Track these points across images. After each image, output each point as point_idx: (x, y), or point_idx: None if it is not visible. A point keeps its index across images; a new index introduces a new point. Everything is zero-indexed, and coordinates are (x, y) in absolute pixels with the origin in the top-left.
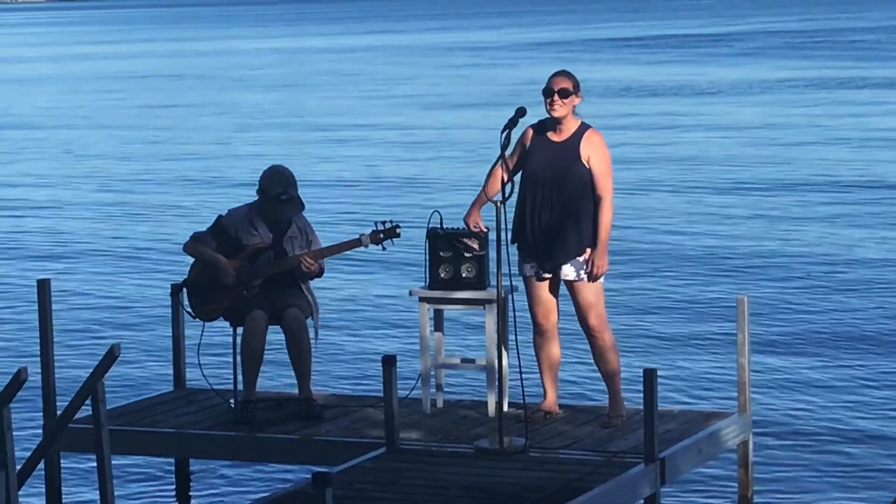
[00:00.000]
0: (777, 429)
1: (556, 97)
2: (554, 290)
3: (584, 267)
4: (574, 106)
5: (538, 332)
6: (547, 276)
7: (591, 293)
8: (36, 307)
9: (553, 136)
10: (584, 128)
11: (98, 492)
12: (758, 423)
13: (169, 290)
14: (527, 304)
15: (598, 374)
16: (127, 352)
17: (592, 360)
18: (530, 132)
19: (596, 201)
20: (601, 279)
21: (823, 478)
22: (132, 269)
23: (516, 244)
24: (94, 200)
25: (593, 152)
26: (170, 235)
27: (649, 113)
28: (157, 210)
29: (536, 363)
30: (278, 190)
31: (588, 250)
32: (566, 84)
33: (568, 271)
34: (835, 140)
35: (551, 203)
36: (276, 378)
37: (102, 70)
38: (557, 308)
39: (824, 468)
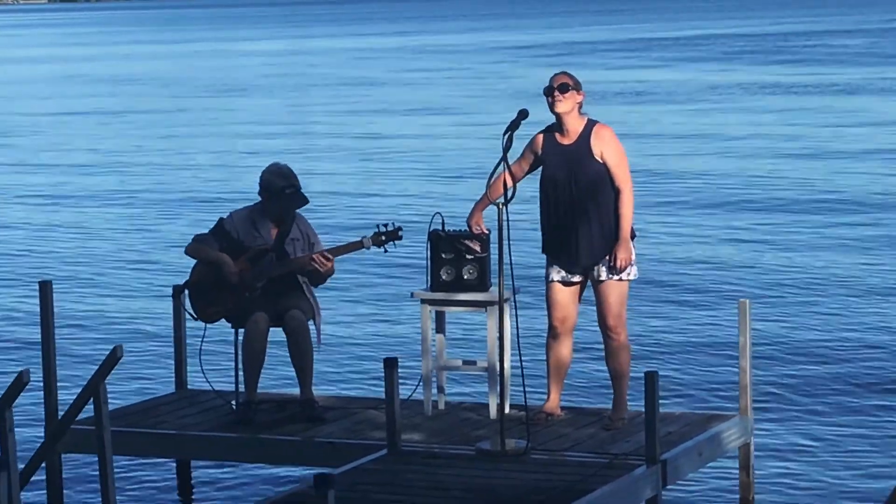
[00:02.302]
0: (778, 432)
1: (556, 93)
2: (578, 294)
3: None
4: (578, 104)
5: (552, 334)
6: (575, 280)
7: (615, 294)
8: (38, 309)
9: (563, 140)
10: (591, 124)
11: (100, 493)
12: (759, 425)
13: (171, 292)
14: (532, 306)
15: (601, 377)
16: (129, 353)
17: (603, 361)
18: (540, 139)
19: (616, 194)
20: (630, 276)
21: (825, 481)
22: (134, 271)
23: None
24: (95, 202)
25: (605, 147)
26: (172, 237)
27: (660, 119)
28: (159, 212)
29: (546, 363)
30: (282, 184)
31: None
32: (565, 79)
33: (600, 271)
34: (841, 153)
35: (573, 207)
36: (277, 380)
37: (105, 71)
38: (577, 312)
39: (825, 471)
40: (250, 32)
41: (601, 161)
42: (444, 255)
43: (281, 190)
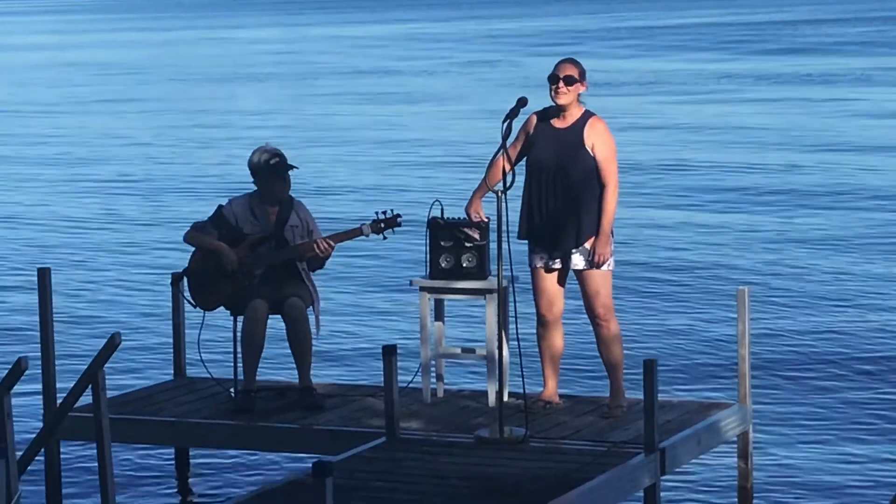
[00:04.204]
0: (777, 420)
1: (560, 84)
2: (561, 280)
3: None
4: (579, 94)
5: (541, 322)
6: (556, 266)
7: (599, 282)
8: (36, 295)
9: (557, 123)
10: (587, 115)
11: (98, 480)
12: (758, 414)
13: (169, 280)
14: (531, 294)
15: (599, 365)
16: (127, 340)
17: (596, 350)
18: (534, 119)
19: (601, 188)
20: (610, 267)
21: (823, 469)
22: (133, 258)
23: (526, 239)
24: (94, 188)
25: (597, 139)
26: (171, 224)
27: (666, 108)
28: (158, 199)
29: (538, 353)
30: (265, 157)
31: (593, 238)
32: (572, 71)
33: (577, 260)
34: (842, 144)
35: (556, 191)
36: (276, 367)
37: (101, 58)
38: (563, 298)
39: (824, 459)
40: (251, 20)
41: (591, 153)
42: (443, 243)
43: (265, 163)
